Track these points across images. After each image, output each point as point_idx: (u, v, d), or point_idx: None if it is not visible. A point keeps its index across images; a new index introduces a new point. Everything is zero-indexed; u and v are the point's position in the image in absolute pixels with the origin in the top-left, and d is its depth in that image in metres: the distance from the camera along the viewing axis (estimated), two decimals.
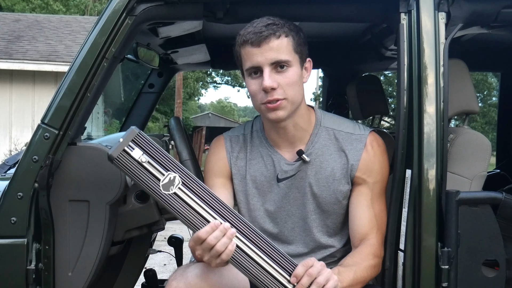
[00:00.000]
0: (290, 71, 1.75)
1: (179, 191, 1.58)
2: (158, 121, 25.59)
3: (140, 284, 2.84)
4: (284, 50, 1.74)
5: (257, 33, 1.73)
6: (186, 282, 1.69)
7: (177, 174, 1.59)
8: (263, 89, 1.73)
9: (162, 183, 1.58)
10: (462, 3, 1.85)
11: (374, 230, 1.82)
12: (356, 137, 1.87)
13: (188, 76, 26.20)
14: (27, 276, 1.79)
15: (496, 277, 1.78)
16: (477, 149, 2.10)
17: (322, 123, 1.89)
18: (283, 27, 1.75)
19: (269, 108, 1.76)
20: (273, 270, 1.59)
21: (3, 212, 1.81)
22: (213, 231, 1.54)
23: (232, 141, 1.94)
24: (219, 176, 1.92)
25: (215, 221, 1.56)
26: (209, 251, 1.54)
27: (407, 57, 1.82)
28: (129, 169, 1.58)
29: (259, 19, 1.77)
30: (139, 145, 1.59)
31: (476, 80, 21.25)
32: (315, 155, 1.86)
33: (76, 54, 1.88)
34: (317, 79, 23.67)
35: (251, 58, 1.75)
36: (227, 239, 1.54)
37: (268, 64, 1.73)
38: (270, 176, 1.88)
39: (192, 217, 1.57)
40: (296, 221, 1.88)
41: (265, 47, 1.73)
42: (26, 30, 12.73)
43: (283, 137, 1.86)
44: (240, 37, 1.77)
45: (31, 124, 11.04)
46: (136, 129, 1.61)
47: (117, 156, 1.58)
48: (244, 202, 1.90)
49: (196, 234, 1.55)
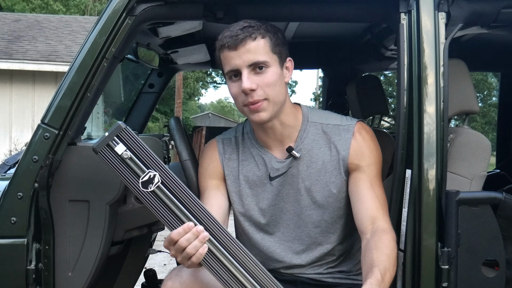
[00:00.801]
0: (268, 71, 1.76)
1: (157, 189, 1.60)
2: (158, 121, 25.59)
3: (140, 284, 2.85)
4: (261, 52, 1.75)
5: (233, 37, 1.74)
6: (181, 281, 1.70)
7: (157, 172, 1.61)
8: (242, 91, 1.75)
9: (142, 180, 1.61)
10: (462, 3, 1.85)
11: (381, 211, 1.78)
12: (344, 127, 1.88)
13: (188, 76, 26.19)
14: (27, 276, 1.79)
15: (496, 277, 1.78)
16: (477, 149, 2.10)
17: (309, 119, 1.90)
18: (259, 29, 1.76)
19: (252, 110, 1.77)
20: (243, 277, 1.59)
21: (3, 212, 1.81)
22: (186, 233, 1.55)
23: (224, 143, 1.96)
24: (212, 178, 1.93)
25: (189, 223, 1.58)
26: (180, 253, 1.56)
27: (407, 57, 1.82)
28: (111, 163, 1.61)
29: (236, 23, 1.79)
30: (123, 141, 1.62)
31: (476, 80, 21.26)
32: (305, 150, 1.87)
33: (76, 54, 1.88)
34: (317, 79, 23.67)
35: (230, 62, 1.76)
36: (198, 242, 1.55)
37: (246, 66, 1.74)
38: (262, 175, 1.89)
39: (168, 216, 1.59)
40: (291, 217, 1.88)
41: (242, 49, 1.74)
42: (26, 30, 12.73)
43: (272, 136, 1.87)
44: (218, 42, 1.79)
45: (31, 124, 11.04)
46: (122, 124, 1.64)
47: (100, 150, 1.62)
48: (238, 202, 1.91)
49: (169, 235, 1.57)
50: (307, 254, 1.89)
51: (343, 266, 1.92)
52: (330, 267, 1.91)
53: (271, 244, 1.90)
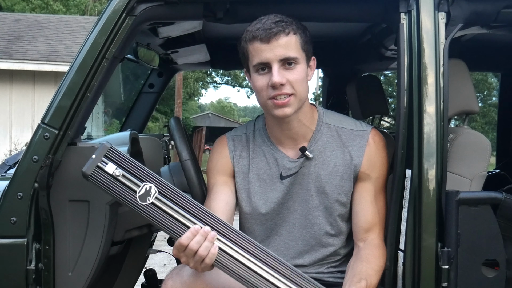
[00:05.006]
0: (298, 68, 1.77)
1: (156, 200, 1.60)
2: (158, 121, 25.60)
3: (140, 284, 2.84)
4: (292, 47, 1.75)
5: (267, 30, 1.74)
6: (182, 281, 1.69)
7: (152, 184, 1.61)
8: (272, 85, 1.74)
9: (139, 194, 1.60)
10: (462, 3, 1.85)
11: (377, 226, 1.85)
12: (359, 133, 1.88)
13: (188, 76, 26.20)
14: (27, 276, 1.79)
15: (496, 277, 1.78)
16: (477, 149, 2.10)
17: (324, 120, 1.90)
18: (292, 24, 1.77)
19: (276, 105, 1.77)
20: (259, 268, 1.60)
21: (3, 212, 1.81)
22: (194, 236, 1.56)
23: (235, 141, 1.95)
24: (221, 174, 1.92)
25: (195, 226, 1.58)
26: (192, 257, 1.56)
27: (407, 57, 1.82)
28: (105, 184, 1.61)
29: (267, 16, 1.78)
30: (112, 160, 1.62)
31: (476, 80, 21.24)
32: (318, 151, 1.87)
33: (76, 54, 1.88)
34: (317, 79, 23.67)
35: (260, 54, 1.76)
36: (209, 243, 1.56)
37: (277, 60, 1.74)
38: (273, 174, 1.89)
39: (172, 224, 1.59)
40: (298, 217, 1.88)
41: (274, 43, 1.74)
42: (26, 30, 12.73)
43: (287, 133, 1.87)
44: (248, 33, 1.78)
45: (31, 124, 11.04)
46: (107, 143, 1.64)
47: (91, 173, 1.61)
48: (246, 200, 1.91)
49: (177, 241, 1.57)
50: (310, 254, 1.89)
51: (344, 266, 1.92)
52: (331, 267, 1.92)
53: (275, 242, 1.90)
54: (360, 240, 1.86)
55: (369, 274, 1.73)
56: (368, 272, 1.74)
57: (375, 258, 1.79)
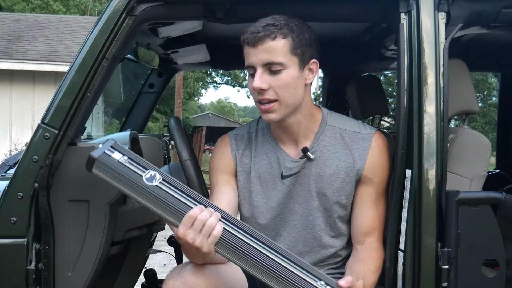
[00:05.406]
0: (283, 73, 1.75)
1: (161, 184, 1.62)
2: (158, 121, 25.61)
3: (140, 284, 2.84)
4: (278, 52, 1.73)
5: (254, 33, 1.74)
6: (183, 280, 1.69)
7: (156, 172, 1.63)
8: (253, 89, 1.76)
9: (145, 177, 1.62)
10: (462, 3, 1.85)
11: (376, 230, 1.85)
12: (362, 135, 1.88)
13: (188, 76, 26.20)
14: (27, 276, 1.79)
15: (496, 277, 1.78)
16: (477, 149, 2.10)
17: (328, 122, 1.90)
18: (282, 28, 1.74)
19: (262, 109, 1.79)
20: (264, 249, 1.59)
21: (3, 212, 1.81)
22: (202, 211, 1.57)
23: (237, 140, 1.96)
24: (223, 173, 1.93)
25: (200, 205, 1.59)
26: (200, 232, 1.55)
27: (407, 57, 1.82)
28: (112, 168, 1.62)
29: (264, 18, 1.78)
30: (118, 150, 1.65)
31: (476, 80, 21.24)
32: (320, 152, 1.87)
33: (76, 54, 1.88)
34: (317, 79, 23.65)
35: (248, 58, 1.77)
36: (215, 218, 1.57)
37: (260, 65, 1.75)
38: (275, 173, 1.89)
39: (179, 204, 1.60)
40: (298, 218, 1.88)
41: (259, 48, 1.74)
42: (26, 30, 12.73)
43: (287, 134, 1.88)
44: (242, 36, 1.79)
45: (31, 124, 11.04)
46: (113, 140, 1.68)
47: (99, 156, 1.63)
48: (247, 198, 1.91)
49: (187, 214, 1.57)
50: (310, 256, 1.89)
51: (344, 267, 1.92)
52: (331, 268, 1.91)
53: None
54: (359, 242, 1.86)
55: (366, 274, 1.73)
56: (366, 273, 1.74)
57: (372, 260, 1.80)
